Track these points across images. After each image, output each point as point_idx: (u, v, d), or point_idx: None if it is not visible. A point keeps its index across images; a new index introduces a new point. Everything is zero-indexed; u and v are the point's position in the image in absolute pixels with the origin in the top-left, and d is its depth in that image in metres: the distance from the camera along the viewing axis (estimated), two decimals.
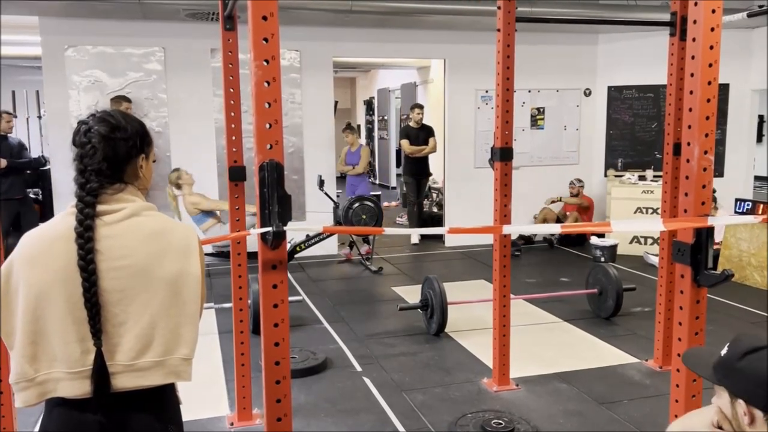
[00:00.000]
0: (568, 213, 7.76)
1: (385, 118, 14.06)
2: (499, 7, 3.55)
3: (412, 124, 8.07)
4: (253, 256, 2.58)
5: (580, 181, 7.85)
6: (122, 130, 1.55)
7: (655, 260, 5.99)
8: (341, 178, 8.11)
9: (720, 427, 1.18)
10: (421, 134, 7.94)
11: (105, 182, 1.51)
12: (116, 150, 1.53)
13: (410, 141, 7.96)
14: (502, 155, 3.65)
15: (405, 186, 8.67)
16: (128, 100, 6.47)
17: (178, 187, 6.37)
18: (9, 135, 6.51)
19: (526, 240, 7.92)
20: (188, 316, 1.50)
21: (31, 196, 6.90)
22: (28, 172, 6.71)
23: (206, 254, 6.71)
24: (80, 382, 1.44)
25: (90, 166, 1.50)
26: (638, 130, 8.11)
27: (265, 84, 1.64)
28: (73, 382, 1.44)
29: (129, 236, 1.49)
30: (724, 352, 1.16)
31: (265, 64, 1.64)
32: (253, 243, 2.24)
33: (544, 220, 7.80)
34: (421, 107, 8.06)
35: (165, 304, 1.47)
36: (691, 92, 1.89)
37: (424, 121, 8.13)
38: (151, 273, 1.47)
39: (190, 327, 1.50)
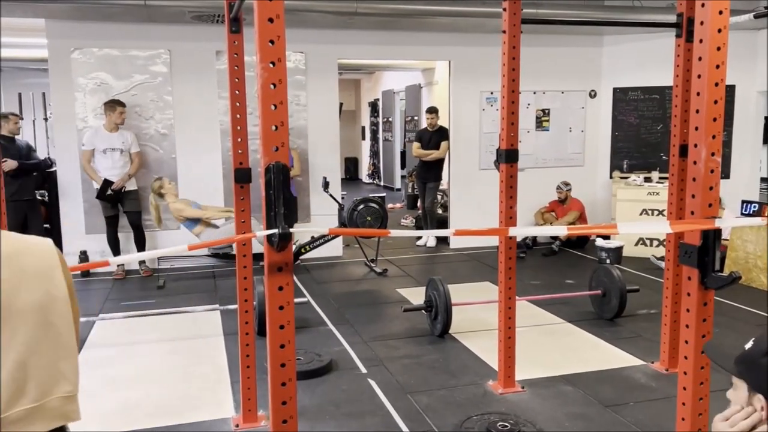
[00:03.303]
0: (560, 219, 7.70)
1: (390, 119, 14.06)
2: (504, 9, 3.55)
3: (428, 126, 8.03)
4: (258, 257, 2.58)
5: (567, 184, 7.68)
6: None
7: (662, 264, 5.97)
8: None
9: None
10: (434, 137, 7.89)
11: None
12: None
13: (422, 144, 7.96)
14: (508, 157, 3.64)
15: (417, 189, 8.75)
16: (122, 104, 6.43)
17: (161, 196, 6.36)
18: (16, 137, 6.53)
19: (533, 241, 7.89)
20: (65, 347, 1.28)
21: (38, 197, 6.92)
22: (35, 174, 6.72)
23: (206, 256, 6.80)
24: None
25: None
26: (644, 132, 8.08)
27: (271, 86, 1.65)
28: None
29: None
30: (748, 345, 1.20)
31: (271, 66, 1.64)
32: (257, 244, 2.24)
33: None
34: (434, 111, 7.96)
35: (34, 340, 1.23)
36: (698, 94, 1.89)
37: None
38: (7, 307, 1.21)
39: (69, 360, 1.29)
